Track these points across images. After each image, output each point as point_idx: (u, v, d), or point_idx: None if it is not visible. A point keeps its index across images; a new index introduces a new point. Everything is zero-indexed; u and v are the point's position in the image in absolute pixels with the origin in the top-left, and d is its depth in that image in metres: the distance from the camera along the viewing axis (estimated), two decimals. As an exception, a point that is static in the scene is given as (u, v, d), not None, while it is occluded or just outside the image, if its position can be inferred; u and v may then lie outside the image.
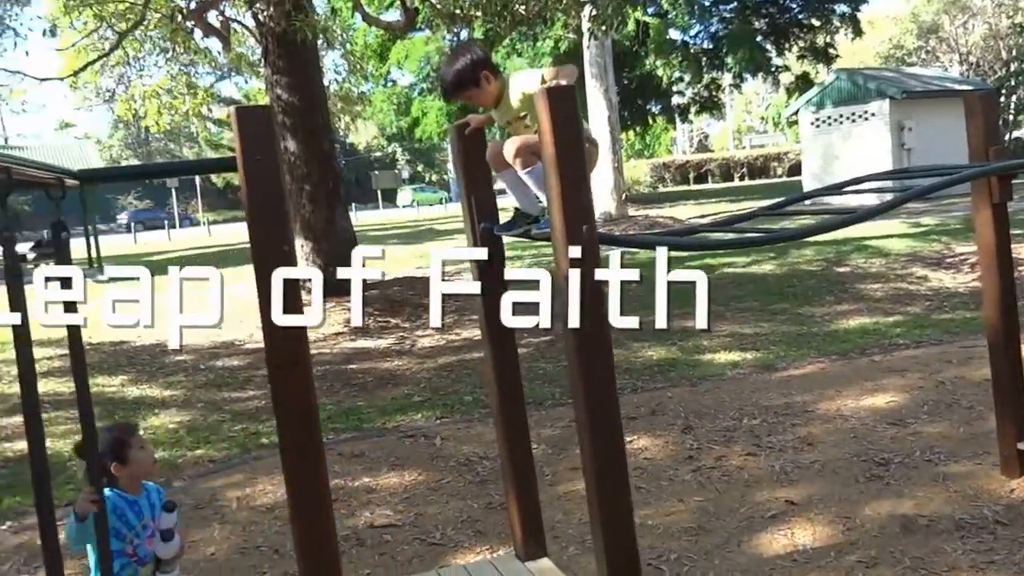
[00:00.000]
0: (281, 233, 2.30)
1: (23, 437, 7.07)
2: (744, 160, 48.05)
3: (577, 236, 2.57)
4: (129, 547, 2.56)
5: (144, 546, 2.59)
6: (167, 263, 14.98)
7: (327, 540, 2.47)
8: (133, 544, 2.57)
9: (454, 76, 3.14)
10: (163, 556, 2.62)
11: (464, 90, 3.15)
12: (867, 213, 2.85)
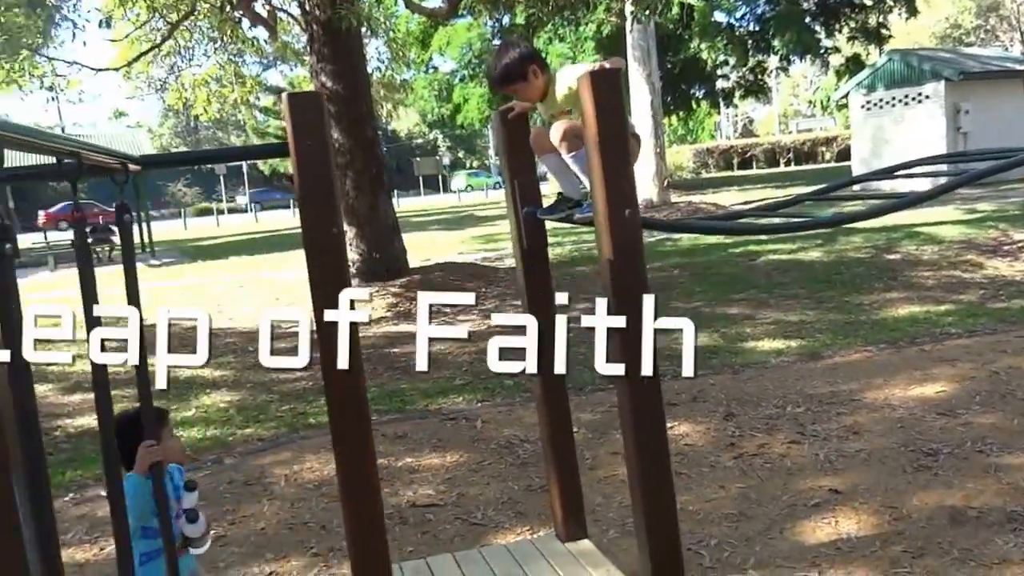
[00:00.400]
0: (331, 216, 2.34)
1: (84, 414, 7.31)
2: (790, 145, 47.30)
3: (619, 220, 2.57)
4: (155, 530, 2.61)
5: (175, 525, 2.66)
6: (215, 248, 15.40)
7: (376, 523, 2.51)
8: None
9: (502, 70, 3.17)
10: (191, 535, 2.70)
11: (511, 84, 3.18)
12: (918, 198, 2.80)
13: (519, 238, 3.51)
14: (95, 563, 4.51)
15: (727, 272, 12.24)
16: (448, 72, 33.24)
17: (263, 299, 12.43)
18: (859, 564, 3.83)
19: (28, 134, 1.72)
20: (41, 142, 1.77)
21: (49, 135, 1.89)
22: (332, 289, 2.38)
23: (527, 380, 7.34)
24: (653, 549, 2.83)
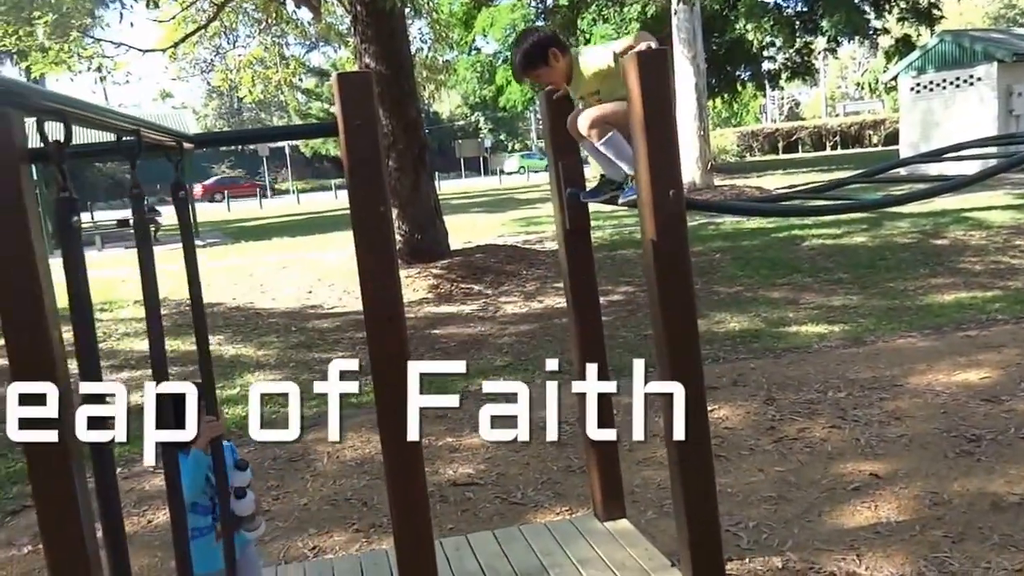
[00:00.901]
0: (378, 194, 2.39)
1: (131, 391, 7.51)
2: (837, 128, 46.46)
3: (664, 201, 2.59)
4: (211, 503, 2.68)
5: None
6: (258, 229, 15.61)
7: (420, 499, 2.57)
8: (213, 502, 2.68)
9: (522, 57, 3.19)
10: (240, 513, 2.72)
11: (534, 69, 3.20)
12: (965, 181, 2.78)
13: (562, 219, 3.54)
14: (142, 534, 4.65)
15: (770, 256, 12.13)
16: (491, 54, 33.16)
17: (306, 280, 12.61)
18: (898, 548, 3.83)
19: (93, 111, 1.78)
20: (105, 119, 1.83)
21: (113, 112, 1.95)
22: (379, 268, 2.43)
23: (568, 361, 7.39)
24: (692, 530, 2.87)
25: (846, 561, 3.75)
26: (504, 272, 11.94)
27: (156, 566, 4.22)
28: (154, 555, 4.33)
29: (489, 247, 13.70)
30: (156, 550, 4.40)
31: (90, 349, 1.76)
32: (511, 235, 16.77)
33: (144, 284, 2.05)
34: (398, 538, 2.59)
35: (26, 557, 4.45)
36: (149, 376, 7.18)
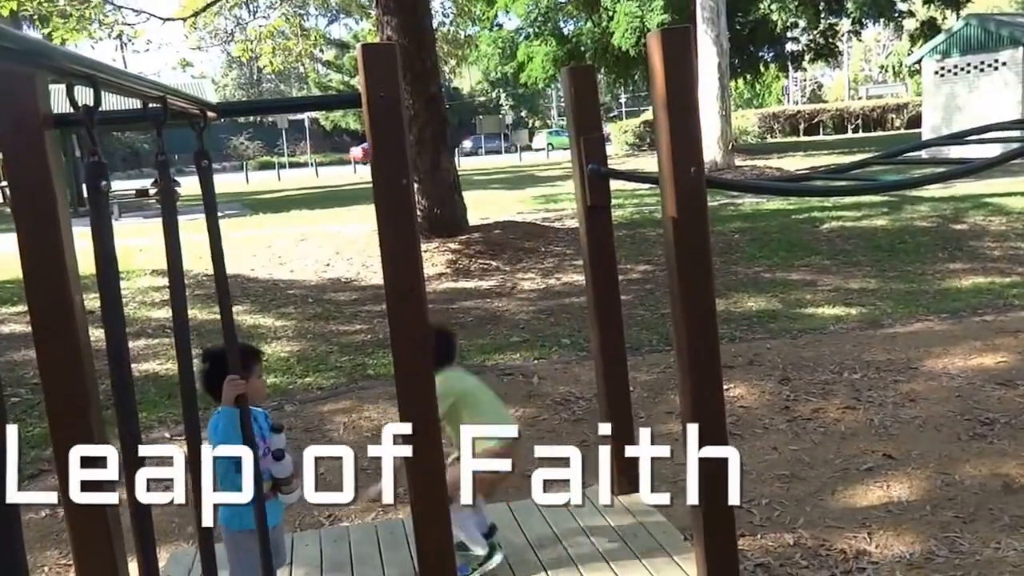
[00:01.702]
0: (401, 167, 2.42)
1: (148, 359, 7.60)
2: (859, 111, 45.93)
3: (684, 178, 2.60)
4: None
5: (262, 463, 2.70)
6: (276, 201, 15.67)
7: (437, 470, 2.62)
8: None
9: None
10: (278, 475, 2.77)
11: None
12: (986, 163, 2.77)
13: (583, 195, 3.56)
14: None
15: (789, 238, 12.09)
16: (513, 30, 32.96)
17: (324, 253, 12.67)
18: (909, 527, 3.86)
19: (121, 76, 1.80)
20: (133, 85, 1.85)
21: (140, 79, 1.97)
22: (400, 240, 2.46)
23: (584, 339, 7.44)
24: (705, 507, 2.90)
25: (857, 539, 3.78)
26: (522, 249, 11.96)
27: (174, 530, 4.30)
28: (171, 520, 4.41)
29: (508, 223, 13.71)
30: (172, 515, 4.47)
31: (116, 313, 1.80)
32: (530, 212, 16.76)
33: (168, 249, 2.09)
34: (415, 506, 2.64)
35: (43, 520, 4.53)
36: (165, 344, 7.36)
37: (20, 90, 2.27)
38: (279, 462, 2.73)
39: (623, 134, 36.81)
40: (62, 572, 4.01)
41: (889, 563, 3.57)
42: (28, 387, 6.86)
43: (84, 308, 2.52)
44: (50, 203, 2.33)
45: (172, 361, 7.52)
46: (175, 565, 3.41)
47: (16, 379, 7.13)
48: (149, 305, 9.86)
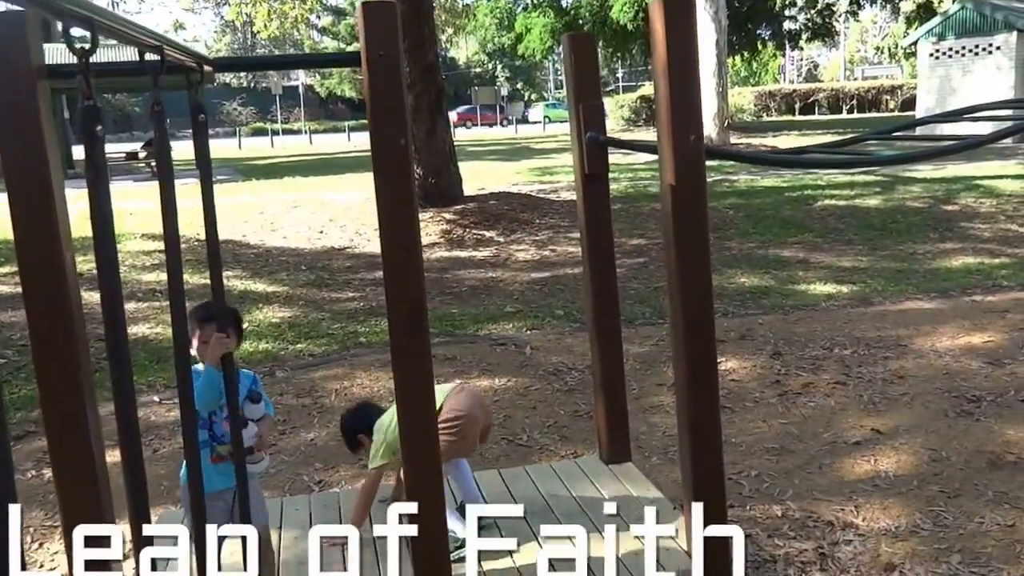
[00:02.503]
0: (399, 127, 2.39)
1: (138, 322, 7.56)
2: (854, 92, 45.84)
3: (684, 145, 2.60)
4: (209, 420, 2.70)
5: (220, 425, 2.70)
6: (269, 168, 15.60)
7: (431, 436, 2.62)
8: (211, 419, 2.70)
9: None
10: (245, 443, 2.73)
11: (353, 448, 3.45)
12: (979, 141, 2.77)
13: (581, 164, 3.55)
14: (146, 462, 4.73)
15: (783, 215, 12.11)
16: (511, 0, 32.68)
17: (317, 220, 12.63)
18: (895, 501, 3.90)
19: (119, 21, 1.77)
20: (130, 31, 1.82)
21: (138, 26, 1.93)
22: (398, 200, 2.45)
23: (578, 310, 7.45)
24: (696, 475, 2.92)
25: (844, 512, 3.83)
26: (517, 220, 11.95)
27: (162, 494, 4.31)
28: (160, 484, 4.41)
29: (503, 194, 13.68)
30: (162, 479, 4.48)
31: (111, 262, 1.78)
32: (525, 184, 16.71)
33: (163, 204, 2.07)
34: (408, 470, 2.64)
35: (29, 482, 4.53)
36: (155, 307, 7.35)
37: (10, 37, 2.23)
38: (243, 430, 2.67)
39: (619, 108, 36.63)
40: (47, 533, 4.01)
41: (875, 535, 3.61)
42: (15, 349, 6.85)
43: (76, 270, 2.50)
44: (42, 160, 2.29)
45: (162, 325, 7.50)
46: (164, 525, 3.41)
47: (3, 340, 7.11)
48: (139, 268, 9.83)
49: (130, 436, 2.00)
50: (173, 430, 5.12)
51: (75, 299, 2.42)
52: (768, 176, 16.29)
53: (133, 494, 2.05)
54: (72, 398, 2.38)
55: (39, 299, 2.34)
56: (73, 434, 2.40)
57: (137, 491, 2.05)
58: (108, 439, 2.81)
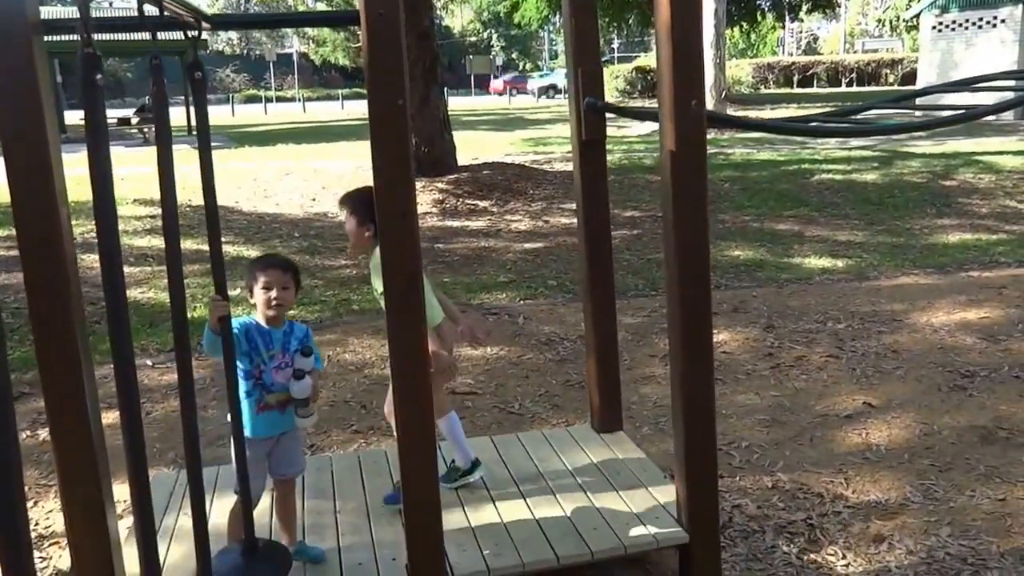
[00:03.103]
0: (397, 86, 2.34)
1: (130, 287, 7.50)
2: (854, 65, 45.56)
3: (685, 111, 2.55)
4: (255, 370, 2.76)
5: (270, 374, 2.77)
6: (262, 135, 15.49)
7: (424, 399, 2.60)
8: (259, 369, 2.76)
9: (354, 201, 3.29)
10: (294, 395, 2.79)
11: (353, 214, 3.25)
12: (988, 109, 2.73)
13: (578, 130, 3.50)
14: (146, 423, 4.74)
15: (779, 188, 12.06)
16: (507, -33, 32.29)
17: (310, 188, 12.54)
18: (885, 473, 3.91)
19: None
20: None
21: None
22: (393, 163, 2.40)
23: (571, 281, 7.43)
24: (688, 445, 2.91)
25: (834, 484, 3.83)
26: (511, 190, 11.88)
27: (155, 455, 4.30)
28: (152, 446, 4.40)
29: (497, 164, 13.59)
30: (155, 441, 4.47)
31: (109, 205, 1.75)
32: (519, 154, 16.61)
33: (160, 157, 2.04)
34: (400, 435, 2.63)
35: (25, 442, 4.52)
36: (148, 273, 7.30)
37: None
38: (298, 381, 2.76)
39: (614, 79, 36.36)
40: (42, 492, 4.01)
41: (864, 507, 3.62)
42: (10, 311, 6.81)
43: (72, 234, 2.47)
44: (38, 120, 2.24)
45: (155, 289, 7.46)
46: (157, 486, 3.40)
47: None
48: (131, 233, 9.76)
49: (129, 401, 2.00)
50: (166, 393, 5.13)
51: (71, 263, 2.40)
52: (764, 149, 16.23)
53: (132, 456, 2.04)
54: (69, 364, 2.37)
55: (36, 263, 2.31)
56: (71, 400, 2.39)
57: (136, 453, 2.04)
58: (105, 401, 2.80)
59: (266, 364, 2.76)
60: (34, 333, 2.37)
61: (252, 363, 2.75)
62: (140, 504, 2.09)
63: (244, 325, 2.74)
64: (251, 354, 2.74)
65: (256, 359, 2.75)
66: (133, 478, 2.08)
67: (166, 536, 3.06)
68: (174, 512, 3.24)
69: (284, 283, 2.77)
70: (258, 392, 2.76)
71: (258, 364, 2.75)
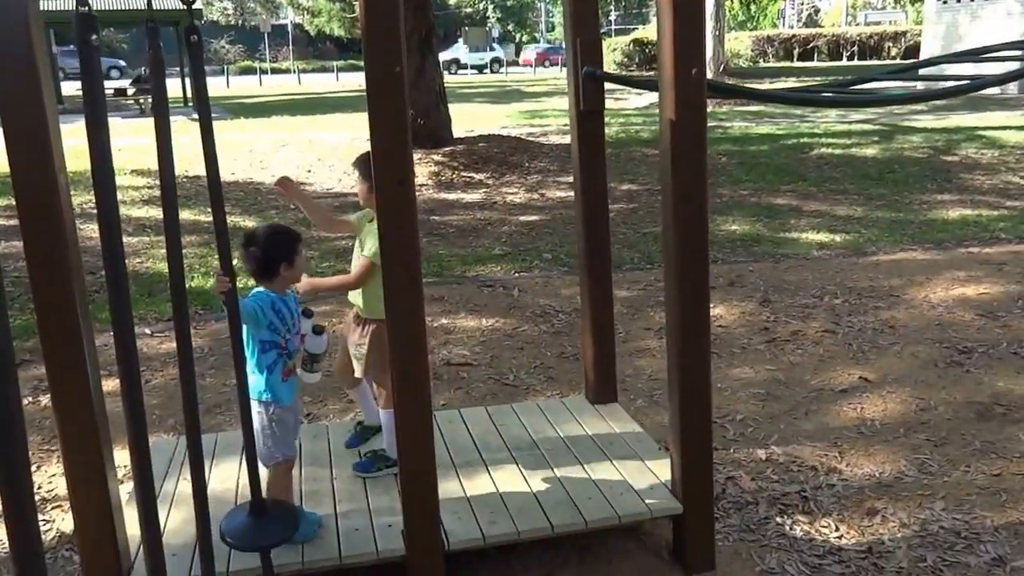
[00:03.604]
0: (394, 54, 2.31)
1: (127, 256, 7.45)
2: (856, 38, 45.18)
3: (686, 79, 2.51)
4: (282, 340, 2.78)
5: (293, 341, 2.81)
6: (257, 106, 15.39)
7: (421, 369, 2.59)
8: (285, 338, 2.78)
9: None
10: (313, 351, 2.87)
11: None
12: (996, 79, 2.69)
13: (577, 100, 3.46)
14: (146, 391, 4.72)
15: (777, 163, 12.01)
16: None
17: (306, 159, 12.47)
18: (880, 447, 3.91)
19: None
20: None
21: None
22: (390, 130, 2.37)
23: (566, 254, 7.40)
24: (684, 417, 2.91)
25: (828, 458, 3.83)
26: (507, 163, 11.82)
27: (154, 423, 4.30)
28: (152, 413, 4.41)
29: (492, 137, 13.50)
30: (154, 408, 4.48)
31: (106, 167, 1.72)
32: (515, 127, 16.51)
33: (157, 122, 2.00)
34: (399, 404, 2.62)
35: (27, 408, 4.53)
36: (146, 242, 7.26)
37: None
38: (319, 336, 2.85)
39: (612, 52, 36.07)
40: (45, 457, 4.02)
41: (858, 481, 3.63)
42: (10, 279, 6.80)
43: (71, 202, 2.45)
44: (35, 89, 2.21)
45: (152, 259, 7.43)
46: (157, 453, 3.39)
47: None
48: (128, 204, 9.71)
49: (129, 369, 2.00)
50: (165, 361, 5.13)
51: (71, 232, 2.39)
52: (763, 123, 16.15)
53: (132, 422, 2.05)
54: (69, 332, 2.37)
55: (36, 232, 2.30)
56: (71, 368, 2.40)
57: (136, 420, 2.05)
58: (105, 368, 2.79)
59: (290, 332, 2.80)
60: (34, 302, 2.37)
61: (280, 334, 2.77)
62: (140, 469, 2.10)
63: (268, 298, 2.75)
64: (276, 325, 2.75)
65: (283, 329, 2.77)
66: (133, 444, 2.08)
67: (167, 501, 3.07)
68: (174, 477, 3.25)
69: None
70: (284, 360, 2.79)
71: (283, 334, 2.78)
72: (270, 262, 2.76)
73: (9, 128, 2.22)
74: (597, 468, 3.26)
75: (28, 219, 2.27)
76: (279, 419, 2.80)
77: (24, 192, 2.26)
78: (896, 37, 43.77)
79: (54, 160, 2.26)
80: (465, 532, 2.84)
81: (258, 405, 2.79)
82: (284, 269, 2.78)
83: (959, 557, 3.07)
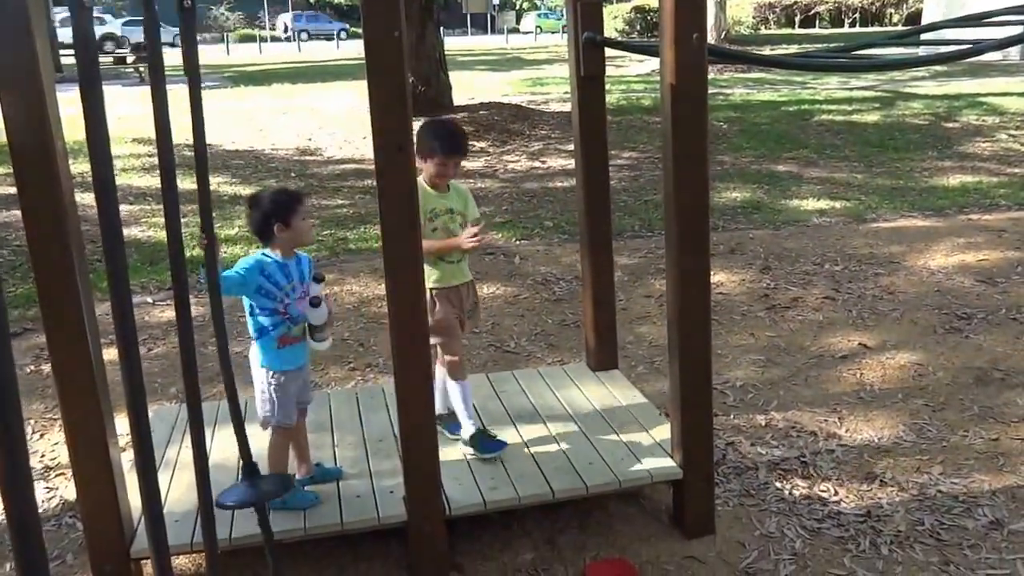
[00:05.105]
0: (394, 18, 2.29)
1: (129, 224, 7.46)
2: (857, 4, 44.78)
3: (687, 45, 2.50)
4: (280, 306, 2.77)
5: (295, 306, 2.79)
6: (258, 74, 15.27)
7: (421, 337, 2.60)
8: (284, 303, 2.77)
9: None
10: (313, 321, 2.82)
11: None
12: (997, 44, 2.68)
13: (577, 66, 3.43)
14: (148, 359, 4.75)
15: (778, 130, 11.94)
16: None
17: (306, 127, 12.39)
18: (878, 413, 3.94)
19: None
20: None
21: None
22: (390, 94, 2.36)
23: (567, 222, 7.39)
24: (684, 383, 2.92)
25: (827, 423, 3.86)
26: (508, 131, 11.75)
27: (156, 391, 4.33)
28: (154, 381, 4.43)
29: (494, 104, 13.42)
30: (156, 376, 4.50)
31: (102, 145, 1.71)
32: (516, 95, 16.38)
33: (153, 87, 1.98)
34: (397, 370, 2.63)
35: (28, 376, 4.56)
36: (147, 210, 7.24)
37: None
38: (315, 308, 2.80)
39: (613, 20, 35.72)
40: (48, 425, 4.05)
41: (857, 446, 3.65)
42: (11, 248, 6.81)
43: (68, 169, 2.44)
44: (32, 56, 2.19)
45: (153, 228, 7.42)
46: (159, 421, 3.43)
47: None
48: (129, 171, 9.68)
49: (127, 337, 1.99)
50: (166, 330, 5.15)
51: (70, 201, 2.38)
52: (764, 90, 16.03)
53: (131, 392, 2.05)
54: (69, 301, 2.37)
55: (34, 200, 2.30)
56: (72, 336, 2.41)
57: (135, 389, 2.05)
58: (106, 337, 2.80)
59: (290, 297, 2.77)
60: (34, 270, 2.37)
61: (276, 299, 2.75)
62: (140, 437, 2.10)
63: (258, 263, 2.73)
64: (271, 291, 2.74)
65: (279, 294, 2.76)
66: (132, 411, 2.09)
67: (169, 467, 3.10)
68: (176, 445, 3.27)
69: None
70: (285, 326, 2.77)
71: (282, 299, 2.76)
72: (265, 222, 2.75)
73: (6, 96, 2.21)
74: (598, 434, 3.28)
75: (26, 185, 2.27)
76: (277, 385, 2.80)
77: (21, 159, 2.26)
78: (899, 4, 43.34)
79: (51, 128, 2.25)
80: (466, 498, 2.86)
81: (258, 370, 2.80)
82: (279, 230, 2.74)
83: (957, 520, 3.10)
